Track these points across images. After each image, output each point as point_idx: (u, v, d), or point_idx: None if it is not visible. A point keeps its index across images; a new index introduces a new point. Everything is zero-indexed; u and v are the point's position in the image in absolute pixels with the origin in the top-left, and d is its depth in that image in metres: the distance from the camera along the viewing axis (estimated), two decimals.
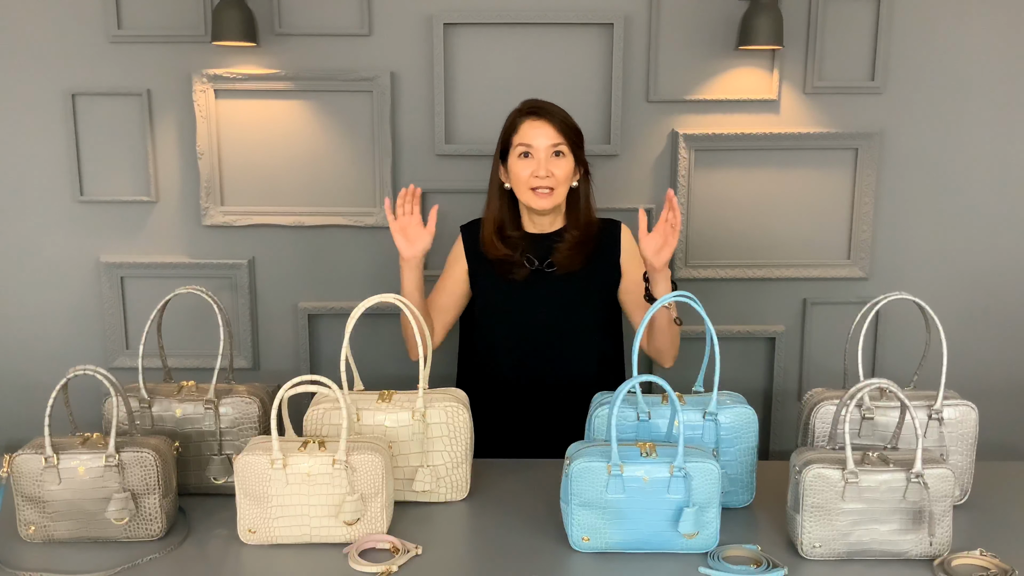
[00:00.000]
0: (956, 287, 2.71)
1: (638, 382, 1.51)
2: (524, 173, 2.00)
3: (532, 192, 2.00)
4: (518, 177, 2.01)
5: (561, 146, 2.00)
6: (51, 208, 2.65)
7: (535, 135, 2.00)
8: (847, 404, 1.50)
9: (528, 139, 2.00)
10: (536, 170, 1.99)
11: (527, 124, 2.01)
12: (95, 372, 1.54)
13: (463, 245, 2.14)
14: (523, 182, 2.00)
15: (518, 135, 2.01)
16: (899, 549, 1.47)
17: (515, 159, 2.01)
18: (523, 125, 2.01)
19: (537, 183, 1.99)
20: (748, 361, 2.76)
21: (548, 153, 1.99)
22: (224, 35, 2.40)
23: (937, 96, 2.60)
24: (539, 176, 1.98)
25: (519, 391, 2.09)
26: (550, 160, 1.99)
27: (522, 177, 2.00)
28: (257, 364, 2.75)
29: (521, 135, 2.01)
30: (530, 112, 2.02)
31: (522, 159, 2.00)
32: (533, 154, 2.00)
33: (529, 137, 2.00)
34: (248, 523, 1.52)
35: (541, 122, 2.00)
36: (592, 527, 1.49)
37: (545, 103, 2.05)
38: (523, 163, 2.00)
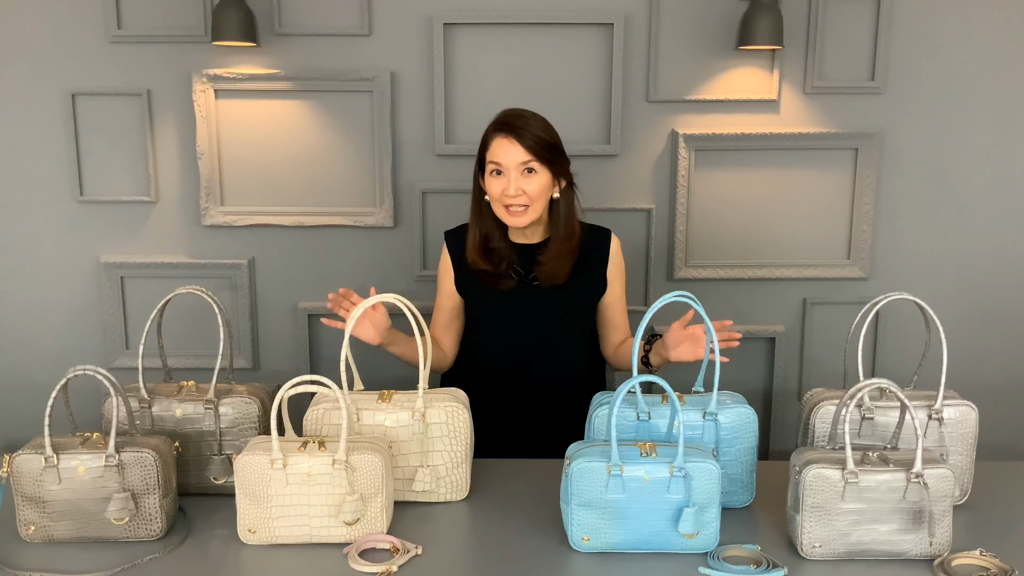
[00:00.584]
0: (956, 287, 2.71)
1: (638, 382, 1.51)
2: (496, 191, 1.96)
3: (505, 210, 1.96)
4: (491, 194, 1.98)
5: (532, 163, 1.93)
6: (51, 208, 2.65)
7: (504, 153, 1.94)
8: (847, 404, 1.50)
9: (498, 157, 1.94)
10: (506, 188, 1.94)
11: (496, 142, 1.95)
12: (95, 372, 1.54)
13: (448, 254, 2.12)
14: (496, 199, 1.97)
15: (489, 152, 1.96)
16: (899, 549, 1.47)
17: (488, 176, 1.97)
18: (493, 142, 1.96)
19: (508, 201, 1.95)
20: (748, 361, 2.76)
21: (519, 171, 1.93)
22: (224, 35, 2.40)
23: (937, 96, 2.60)
24: (509, 195, 1.94)
25: (508, 395, 2.10)
26: (520, 178, 1.93)
27: (494, 195, 1.97)
28: (257, 364, 2.75)
29: (492, 152, 1.96)
30: (499, 128, 1.95)
31: (493, 176, 1.96)
32: (504, 172, 1.95)
33: (499, 155, 1.94)
34: (248, 523, 1.52)
35: (509, 140, 1.93)
36: (592, 527, 1.49)
37: (518, 117, 1.97)
38: (494, 181, 1.96)
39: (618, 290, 2.14)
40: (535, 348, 2.09)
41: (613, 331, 2.16)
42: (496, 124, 1.97)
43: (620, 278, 2.14)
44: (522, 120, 1.96)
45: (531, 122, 1.97)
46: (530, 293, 2.05)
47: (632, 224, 2.67)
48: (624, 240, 2.65)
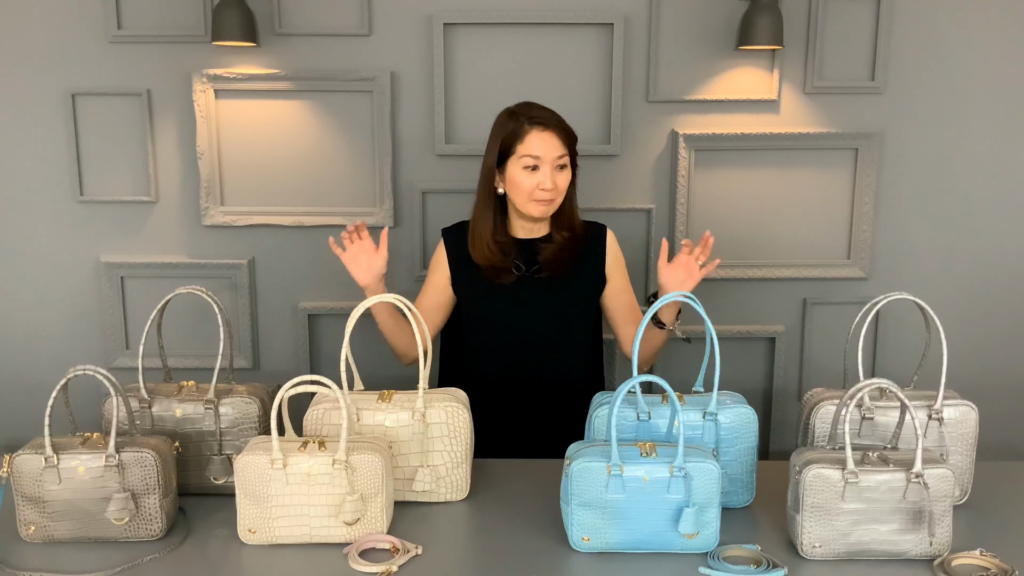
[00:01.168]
0: (956, 287, 2.71)
1: (638, 382, 1.51)
2: (529, 184, 1.96)
3: (534, 202, 1.98)
4: (520, 187, 1.98)
5: (564, 158, 1.99)
6: (51, 208, 2.65)
7: (543, 147, 1.96)
8: (847, 404, 1.50)
9: (536, 150, 1.95)
10: (542, 183, 1.96)
11: (535, 135, 1.96)
12: (95, 372, 1.54)
13: (445, 251, 2.11)
14: (526, 192, 1.97)
15: (524, 145, 1.96)
16: (899, 549, 1.47)
17: (519, 169, 1.97)
18: (530, 135, 1.96)
19: (542, 195, 1.97)
20: (748, 361, 2.76)
21: (553, 165, 1.97)
22: (224, 35, 2.40)
23: (937, 96, 2.60)
24: (545, 188, 1.96)
25: (508, 393, 2.09)
26: (555, 172, 1.97)
27: (526, 188, 1.97)
28: (257, 364, 2.75)
29: (528, 146, 1.96)
30: (537, 122, 1.97)
31: (527, 171, 1.97)
32: (540, 166, 1.96)
33: (537, 149, 1.95)
34: (248, 523, 1.52)
35: (548, 134, 1.96)
36: (592, 527, 1.49)
37: (546, 109, 2.01)
38: (528, 174, 1.97)
39: (621, 282, 2.14)
40: (535, 344, 2.08)
41: (624, 325, 2.16)
42: (531, 117, 1.98)
43: (621, 269, 2.15)
44: (554, 115, 2.01)
45: (556, 115, 2.01)
46: (530, 288, 2.06)
47: (632, 224, 2.67)
48: (624, 240, 2.65)
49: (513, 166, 1.98)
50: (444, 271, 2.11)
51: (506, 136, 1.99)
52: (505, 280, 2.06)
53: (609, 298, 2.15)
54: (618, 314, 2.16)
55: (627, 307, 2.16)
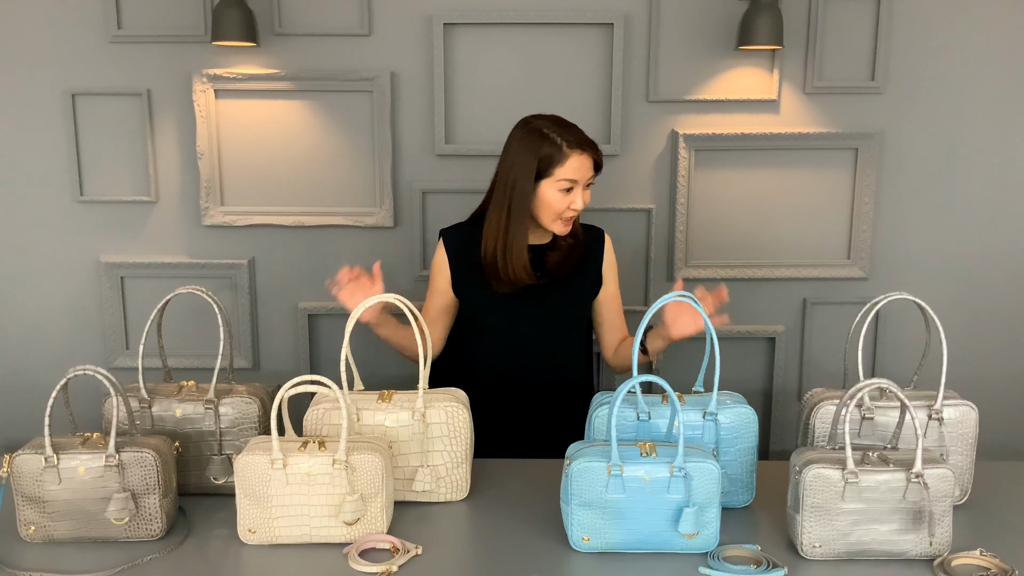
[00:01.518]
0: (956, 287, 2.71)
1: (638, 382, 1.51)
2: (562, 206, 1.97)
3: (561, 221, 1.99)
4: (551, 206, 1.97)
5: (592, 178, 2.00)
6: (51, 208, 2.65)
7: (583, 171, 1.96)
8: (847, 404, 1.50)
9: (574, 175, 1.95)
10: (574, 203, 1.97)
11: (576, 159, 1.95)
12: (95, 372, 1.54)
13: (445, 252, 2.10)
14: (556, 212, 1.97)
15: (564, 169, 1.94)
16: (899, 549, 1.47)
17: (554, 191, 1.96)
18: (574, 159, 1.94)
19: (571, 215, 1.98)
20: (748, 361, 2.76)
21: (584, 185, 1.98)
22: (224, 35, 2.40)
23: (937, 96, 2.60)
24: (575, 208, 1.97)
25: (506, 394, 2.09)
26: (584, 192, 1.99)
27: (557, 208, 1.97)
28: (257, 364, 2.75)
29: (570, 170, 1.94)
30: (576, 146, 1.95)
31: (562, 192, 1.96)
32: (575, 188, 1.97)
33: (575, 172, 1.95)
34: (248, 523, 1.52)
35: (586, 156, 1.96)
36: (592, 527, 1.49)
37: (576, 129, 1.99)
38: (563, 196, 1.96)
39: (612, 287, 2.15)
40: (534, 346, 2.09)
41: (611, 331, 2.16)
42: (570, 141, 1.95)
43: (614, 275, 2.16)
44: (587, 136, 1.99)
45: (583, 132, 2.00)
46: (531, 292, 2.05)
47: (632, 224, 2.67)
48: (624, 240, 2.67)
49: (547, 187, 1.97)
50: (445, 274, 2.10)
51: (543, 158, 1.95)
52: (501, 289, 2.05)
53: (599, 302, 2.14)
54: (604, 319, 2.16)
55: (614, 313, 2.16)
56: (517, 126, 2.02)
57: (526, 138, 1.98)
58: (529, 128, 1.99)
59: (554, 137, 1.95)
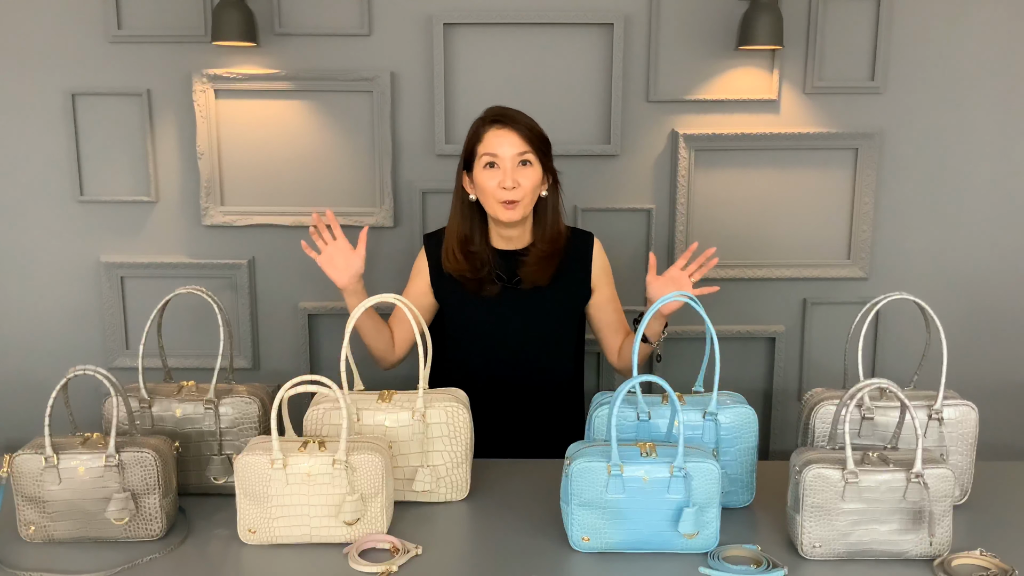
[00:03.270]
0: (956, 287, 2.71)
1: (638, 382, 1.51)
2: (491, 184, 1.93)
3: (500, 205, 1.94)
4: (484, 188, 1.94)
5: (528, 154, 1.94)
6: (51, 208, 2.65)
7: (500, 143, 1.92)
8: (847, 404, 1.50)
9: (493, 148, 1.92)
10: (503, 180, 1.91)
11: (492, 133, 1.93)
12: (95, 372, 1.54)
13: (426, 256, 2.09)
14: (489, 193, 1.94)
15: (483, 144, 1.94)
16: (899, 549, 1.47)
17: (480, 169, 1.94)
18: (488, 134, 1.94)
19: (504, 195, 1.92)
20: (748, 361, 2.76)
21: (514, 162, 1.92)
22: (224, 35, 2.40)
23: (937, 96, 2.60)
24: (506, 187, 1.91)
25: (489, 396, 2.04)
26: (516, 170, 1.93)
27: (488, 188, 1.93)
28: (257, 364, 2.75)
29: (486, 144, 1.93)
30: (494, 120, 1.94)
31: (488, 169, 1.93)
32: (499, 164, 1.92)
33: (494, 146, 1.93)
34: (248, 523, 1.52)
35: (506, 130, 1.93)
36: (592, 527, 1.49)
37: (510, 110, 1.98)
38: (489, 173, 1.93)
39: (607, 292, 2.12)
40: (518, 353, 2.06)
41: (613, 334, 2.14)
42: (489, 117, 1.97)
43: (607, 279, 2.13)
44: (516, 112, 1.99)
45: (523, 115, 1.99)
46: (513, 298, 2.04)
47: (632, 224, 2.67)
48: (624, 240, 2.67)
49: (477, 169, 1.95)
50: (424, 278, 2.08)
51: (469, 139, 1.97)
52: (487, 292, 2.03)
53: (595, 308, 2.12)
54: (603, 324, 2.13)
55: (614, 318, 2.13)
56: None
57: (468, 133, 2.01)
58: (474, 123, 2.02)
59: (481, 118, 1.98)
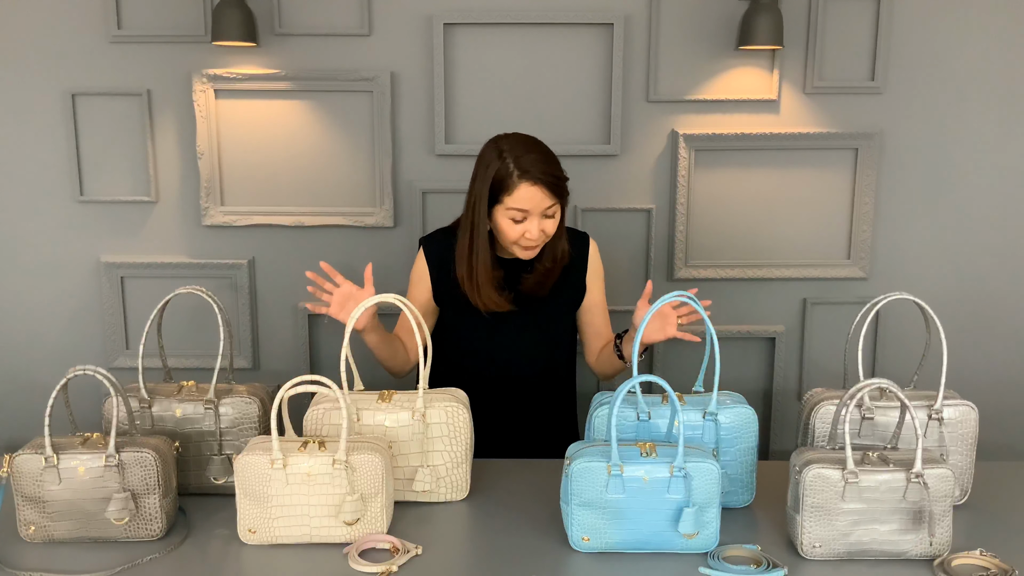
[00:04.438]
0: (956, 287, 2.71)
1: (638, 382, 1.51)
2: (515, 235, 1.91)
3: (519, 247, 1.94)
4: (505, 234, 1.92)
5: (554, 207, 1.92)
6: (51, 208, 2.65)
7: (531, 200, 1.88)
8: (847, 404, 1.50)
9: (524, 204, 1.88)
10: (528, 232, 1.90)
11: (524, 189, 1.87)
12: (95, 372, 1.54)
13: (425, 261, 2.07)
14: (511, 239, 1.93)
15: (512, 198, 1.88)
16: (899, 549, 1.47)
17: (505, 219, 1.91)
18: (520, 190, 1.87)
19: (528, 243, 1.92)
20: (748, 361, 2.76)
21: (541, 215, 1.91)
22: (224, 35, 2.40)
23: (937, 96, 2.60)
24: (531, 238, 1.91)
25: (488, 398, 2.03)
26: (542, 220, 1.92)
27: (511, 237, 1.92)
28: (257, 364, 2.75)
29: (516, 199, 1.88)
30: (527, 176, 1.87)
31: (513, 222, 1.91)
32: (528, 218, 1.90)
33: (524, 202, 1.88)
34: (248, 523, 1.52)
35: (537, 188, 1.87)
36: (592, 527, 1.49)
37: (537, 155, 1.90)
38: (514, 225, 1.91)
39: (597, 295, 2.12)
40: (516, 354, 2.06)
41: (596, 337, 2.13)
42: (522, 170, 1.88)
43: (599, 282, 2.13)
44: (546, 165, 1.90)
45: (549, 157, 1.92)
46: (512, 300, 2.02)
47: (632, 224, 2.67)
48: (624, 240, 2.67)
49: (500, 214, 1.92)
50: (426, 284, 2.07)
51: (496, 181, 1.90)
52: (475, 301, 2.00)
53: (583, 309, 2.12)
54: (589, 325, 2.13)
55: (600, 321, 2.12)
56: (487, 142, 1.97)
57: (487, 156, 1.93)
58: (494, 146, 1.93)
59: (508, 162, 1.88)
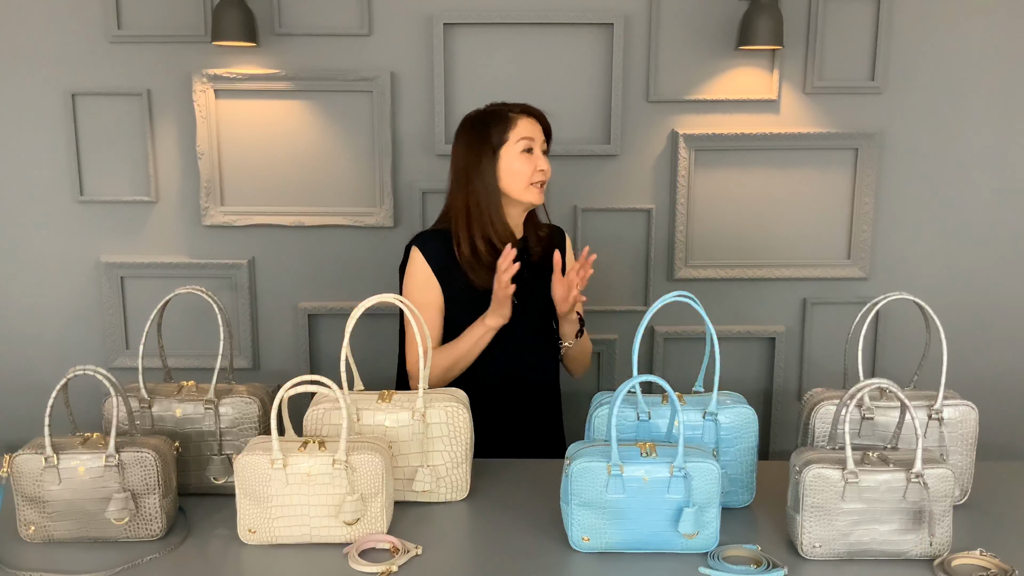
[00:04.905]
0: (956, 287, 2.71)
1: (638, 382, 1.51)
2: (528, 168, 1.99)
3: (532, 186, 2.00)
4: (519, 172, 1.99)
5: (545, 146, 2.04)
6: (51, 208, 2.65)
7: (535, 130, 2.01)
8: (847, 404, 1.50)
9: (530, 133, 2.00)
10: (539, 163, 1.99)
11: (525, 120, 2.00)
12: (95, 372, 1.54)
13: (426, 261, 2.02)
14: (526, 176, 1.99)
15: (517, 130, 1.99)
16: (899, 549, 1.47)
17: (515, 154, 1.99)
18: (522, 121, 2.00)
19: (540, 176, 2.00)
20: (748, 361, 2.76)
21: (541, 149, 2.02)
22: (224, 35, 2.40)
23: (937, 96, 2.60)
24: (542, 170, 1.99)
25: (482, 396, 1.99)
26: (544, 157, 2.02)
27: (525, 171, 1.99)
28: (257, 364, 2.75)
29: (521, 130, 1.99)
30: (525, 109, 2.03)
31: (525, 154, 1.99)
32: (535, 148, 2.00)
33: (531, 131, 2.00)
34: (248, 523, 1.52)
35: (534, 120, 2.02)
36: (592, 527, 1.49)
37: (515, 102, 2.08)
38: (526, 158, 1.99)
39: None
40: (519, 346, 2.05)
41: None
42: (517, 107, 2.03)
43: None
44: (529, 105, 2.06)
45: None
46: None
47: (632, 224, 2.67)
48: (624, 240, 2.68)
49: (508, 154, 1.99)
50: (433, 283, 2.02)
51: (495, 130, 2.00)
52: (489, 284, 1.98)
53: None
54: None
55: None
56: (459, 124, 2.06)
57: (472, 124, 2.03)
58: (471, 116, 2.05)
59: (499, 109, 2.03)
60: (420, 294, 2.01)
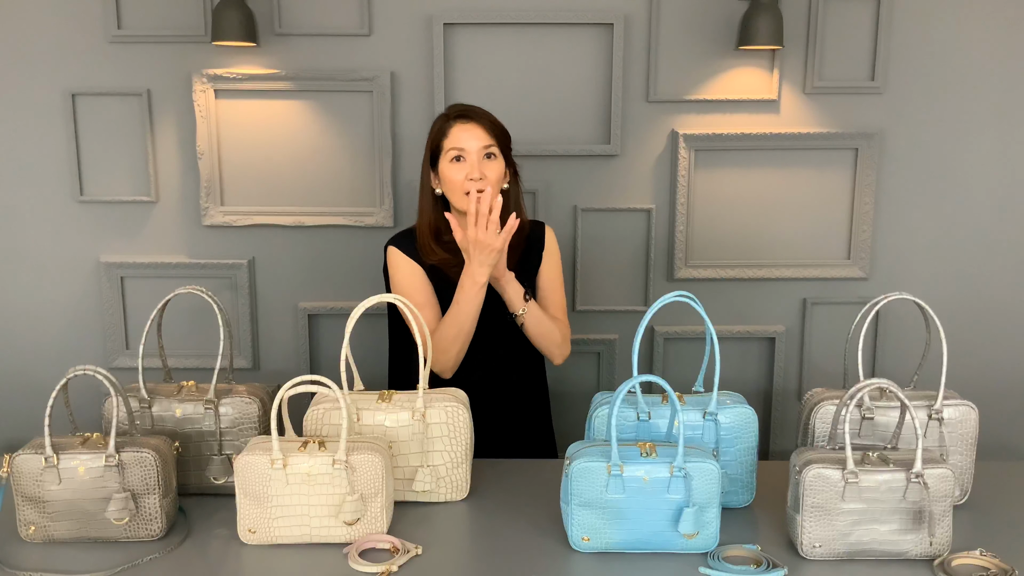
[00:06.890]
0: (956, 287, 2.71)
1: (638, 382, 1.51)
2: (458, 176, 1.96)
3: (466, 196, 1.95)
4: (451, 181, 1.97)
5: (492, 148, 1.98)
6: (51, 208, 2.65)
7: (466, 138, 1.96)
8: (847, 404, 1.50)
9: (460, 142, 1.96)
10: (470, 173, 1.95)
11: (457, 128, 1.97)
12: (95, 372, 1.54)
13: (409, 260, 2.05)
14: (457, 186, 1.97)
15: (448, 139, 1.97)
16: (899, 549, 1.47)
17: (447, 164, 1.97)
18: (453, 129, 1.97)
19: (471, 186, 1.94)
20: (748, 361, 2.76)
21: (480, 155, 1.96)
22: (224, 35, 2.40)
23: (937, 96, 2.60)
24: (473, 179, 1.94)
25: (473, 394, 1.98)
26: (482, 163, 1.96)
27: (456, 181, 1.96)
28: (257, 364, 2.75)
29: (452, 139, 1.97)
30: (459, 116, 1.99)
31: (454, 163, 1.97)
32: (465, 157, 1.96)
33: (460, 141, 1.96)
34: (248, 523, 1.52)
35: (471, 125, 1.97)
36: (592, 527, 1.49)
37: (472, 106, 2.03)
38: (455, 167, 1.97)
39: (550, 273, 2.12)
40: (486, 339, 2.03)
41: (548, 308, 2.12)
42: (453, 113, 2.01)
43: (552, 261, 2.12)
44: (477, 108, 2.03)
45: (484, 111, 2.02)
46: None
47: (632, 224, 2.67)
48: (624, 240, 2.67)
49: (444, 164, 1.99)
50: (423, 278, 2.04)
51: (433, 136, 2.01)
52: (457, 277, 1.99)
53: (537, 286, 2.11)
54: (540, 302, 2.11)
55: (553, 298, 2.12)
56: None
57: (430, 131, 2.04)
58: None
59: (441, 115, 2.02)
60: (413, 292, 2.03)
